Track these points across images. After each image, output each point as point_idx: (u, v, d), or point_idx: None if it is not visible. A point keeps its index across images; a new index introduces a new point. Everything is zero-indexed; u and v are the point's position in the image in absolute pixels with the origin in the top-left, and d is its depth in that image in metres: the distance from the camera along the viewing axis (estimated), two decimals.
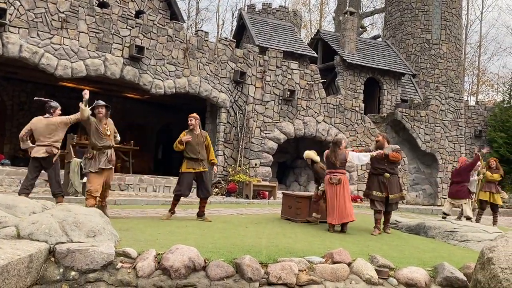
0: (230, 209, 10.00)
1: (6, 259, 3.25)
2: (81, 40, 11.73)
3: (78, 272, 3.83)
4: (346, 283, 4.36)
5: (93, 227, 4.40)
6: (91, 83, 14.16)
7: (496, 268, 3.00)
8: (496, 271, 3.16)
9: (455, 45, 25.26)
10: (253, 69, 14.69)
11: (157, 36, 12.99)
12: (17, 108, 15.46)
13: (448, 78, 24.66)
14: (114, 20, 12.26)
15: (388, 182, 7.47)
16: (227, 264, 4.16)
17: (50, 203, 5.06)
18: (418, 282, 4.45)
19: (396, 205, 7.86)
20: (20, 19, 10.90)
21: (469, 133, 21.58)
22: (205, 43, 13.92)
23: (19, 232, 4.04)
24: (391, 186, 7.49)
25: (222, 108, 14.23)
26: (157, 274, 3.96)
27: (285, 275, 4.16)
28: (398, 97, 21.33)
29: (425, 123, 18.37)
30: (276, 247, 5.09)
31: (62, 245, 4.01)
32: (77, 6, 11.71)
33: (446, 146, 18.74)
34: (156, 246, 4.49)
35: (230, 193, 13.48)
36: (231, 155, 14.45)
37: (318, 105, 15.93)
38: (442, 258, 5.17)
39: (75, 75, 11.59)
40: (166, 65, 13.10)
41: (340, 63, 20.28)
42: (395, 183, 7.60)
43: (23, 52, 10.77)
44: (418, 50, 24.73)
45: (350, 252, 4.85)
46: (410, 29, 24.99)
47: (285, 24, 22.19)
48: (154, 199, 10.65)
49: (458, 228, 7.27)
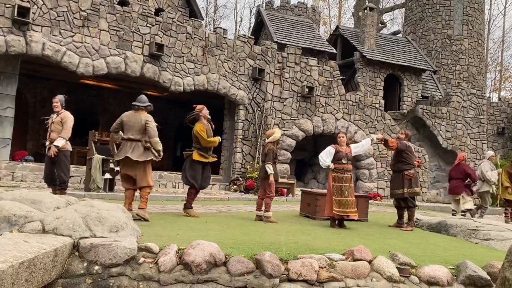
0: (249, 206, 10.03)
1: (33, 253, 3.32)
2: (102, 38, 11.88)
3: (101, 266, 3.89)
4: (367, 281, 4.33)
5: (116, 222, 4.46)
6: (112, 80, 14.35)
7: None
8: None
9: (477, 40, 24.79)
10: (271, 66, 14.67)
11: (177, 33, 13.07)
12: (39, 105, 15.75)
13: (470, 74, 24.23)
14: (134, 18, 12.38)
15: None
16: (247, 260, 4.18)
17: (73, 198, 5.15)
18: (440, 280, 4.40)
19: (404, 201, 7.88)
20: (43, 18, 11.09)
21: (492, 130, 21.18)
22: (224, 40, 13.95)
23: (44, 227, 4.13)
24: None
25: (240, 105, 14.25)
26: (178, 269, 4.00)
27: (306, 272, 4.16)
28: (418, 93, 21.04)
29: (446, 120, 18.10)
30: (296, 244, 5.09)
31: (86, 239, 4.08)
32: (98, 4, 11.86)
33: (468, 143, 18.44)
34: (177, 241, 4.54)
35: (249, 190, 13.51)
36: (249, 152, 14.47)
37: (337, 102, 15.83)
38: (464, 257, 5.09)
39: (96, 72, 11.75)
40: (185, 62, 13.18)
41: (360, 59, 20.09)
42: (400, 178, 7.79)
43: (46, 50, 10.96)
44: (439, 46, 24.35)
45: (371, 249, 4.82)
46: (431, 24, 24.61)
47: (303, 21, 22.08)
48: (173, 195, 10.75)
49: (480, 226, 7.15)
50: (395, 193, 7.84)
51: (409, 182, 7.69)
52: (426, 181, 17.64)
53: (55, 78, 15.05)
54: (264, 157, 7.61)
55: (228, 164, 14.65)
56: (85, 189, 10.05)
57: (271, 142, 7.59)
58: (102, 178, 9.94)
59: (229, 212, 8.55)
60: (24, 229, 4.06)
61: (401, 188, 7.69)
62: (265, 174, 7.47)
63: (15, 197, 4.54)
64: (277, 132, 7.70)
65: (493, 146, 20.99)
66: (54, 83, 15.64)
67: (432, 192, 18.21)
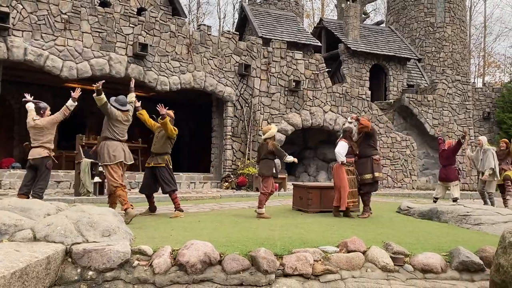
0: (241, 203, 10.03)
1: (25, 262, 3.28)
2: (84, 40, 11.74)
3: (95, 271, 3.86)
4: (362, 271, 4.36)
5: (108, 227, 4.43)
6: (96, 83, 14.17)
7: None
8: None
9: (460, 27, 24.99)
10: (257, 62, 14.65)
11: (160, 32, 12.97)
12: (24, 111, 15.49)
13: (454, 61, 24.43)
14: (117, 18, 12.25)
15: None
16: (242, 257, 4.17)
17: (63, 204, 5.10)
18: (434, 267, 4.44)
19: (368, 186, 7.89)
20: (23, 22, 10.93)
21: (478, 115, 21.40)
22: (208, 38, 13.88)
23: (35, 235, 4.08)
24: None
25: (228, 102, 14.22)
26: (173, 270, 3.99)
27: (301, 266, 4.17)
28: (404, 82, 21.19)
29: (433, 107, 18.25)
30: (290, 238, 5.10)
31: (78, 245, 4.04)
32: (79, 6, 11.71)
33: (455, 130, 18.63)
34: (171, 242, 4.52)
35: (240, 187, 13.50)
36: (239, 149, 14.46)
37: (325, 95, 15.87)
38: (457, 243, 5.14)
39: (81, 75, 11.62)
40: (170, 61, 13.09)
41: (345, 51, 20.15)
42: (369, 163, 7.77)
43: (28, 55, 10.81)
44: (422, 34, 24.50)
45: (364, 240, 4.85)
46: (413, 13, 24.74)
47: (287, 14, 22.06)
48: (165, 196, 10.69)
49: (471, 211, 7.24)
50: (364, 178, 7.73)
51: (378, 167, 7.77)
52: (415, 169, 17.79)
53: (39, 83, 14.86)
54: (269, 154, 7.48)
55: (219, 162, 14.62)
56: (75, 193, 9.96)
57: (269, 138, 7.54)
58: (92, 182, 9.86)
59: (222, 210, 8.54)
60: (15, 238, 4.00)
61: (371, 172, 7.71)
62: (267, 172, 7.43)
63: (4, 206, 4.48)
64: (273, 128, 7.70)
65: (480, 131, 21.21)
66: (38, 88, 15.43)
67: (422, 180, 18.39)
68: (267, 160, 7.46)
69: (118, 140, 6.73)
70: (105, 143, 6.66)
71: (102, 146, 6.69)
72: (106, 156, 6.57)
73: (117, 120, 6.71)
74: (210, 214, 7.76)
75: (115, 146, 6.63)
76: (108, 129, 6.71)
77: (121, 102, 6.82)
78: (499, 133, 21.35)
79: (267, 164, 7.45)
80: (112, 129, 6.70)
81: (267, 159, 7.46)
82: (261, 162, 7.63)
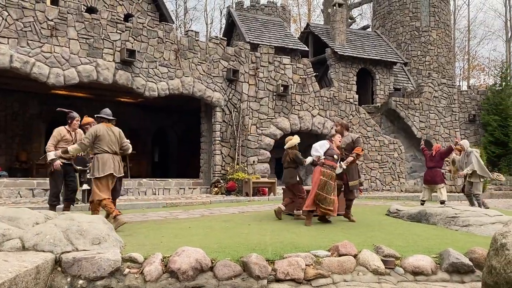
0: (231, 208, 10.00)
1: (14, 272, 3.23)
2: (71, 47, 11.66)
3: (85, 280, 3.82)
4: (354, 275, 4.37)
5: (97, 234, 4.39)
6: (84, 89, 14.10)
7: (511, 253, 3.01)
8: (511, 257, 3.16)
9: (445, 31, 25.34)
10: (245, 67, 14.67)
11: (148, 38, 12.94)
12: (10, 118, 15.37)
13: (440, 65, 24.75)
14: (104, 25, 12.19)
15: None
16: (234, 263, 4.16)
17: (52, 212, 5.04)
18: (425, 269, 4.47)
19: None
20: (9, 29, 10.82)
21: (463, 118, 21.69)
22: (196, 43, 13.88)
23: (24, 244, 4.03)
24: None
25: (216, 107, 14.21)
26: (165, 278, 3.96)
27: (293, 271, 4.17)
28: (391, 86, 21.39)
29: (420, 110, 18.44)
30: (281, 243, 5.10)
31: (68, 254, 4.00)
32: (65, 13, 11.63)
33: (442, 132, 18.83)
34: (161, 249, 4.49)
35: (230, 192, 13.48)
36: (228, 154, 14.45)
37: (313, 99, 15.95)
38: (446, 245, 5.19)
39: (68, 82, 11.53)
40: (158, 67, 13.06)
41: (332, 55, 20.29)
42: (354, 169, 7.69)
43: (14, 62, 10.70)
44: (408, 38, 24.79)
45: (355, 243, 4.87)
46: (399, 17, 25.04)
47: (274, 20, 22.16)
48: (154, 202, 10.64)
49: (459, 213, 7.31)
50: (354, 184, 7.63)
51: (358, 173, 7.83)
52: (403, 172, 17.94)
53: (26, 90, 14.71)
54: (291, 163, 7.73)
55: (208, 167, 14.59)
56: (64, 201, 9.83)
57: (290, 148, 7.76)
58: (80, 189, 9.75)
59: (212, 215, 8.51)
60: (3, 248, 3.95)
61: (357, 179, 7.72)
62: (292, 179, 7.65)
63: None
64: (295, 138, 7.86)
65: (465, 134, 21.49)
66: (25, 95, 15.29)
67: (410, 182, 18.53)
68: (290, 169, 7.78)
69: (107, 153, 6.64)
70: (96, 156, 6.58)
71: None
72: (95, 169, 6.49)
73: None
74: (200, 220, 7.73)
75: (106, 158, 6.55)
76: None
77: (108, 113, 6.77)
78: (484, 135, 21.66)
79: (291, 173, 7.75)
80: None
81: (290, 167, 7.78)
82: (285, 171, 7.89)
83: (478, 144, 20.14)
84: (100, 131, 6.51)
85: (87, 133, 6.62)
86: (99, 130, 6.51)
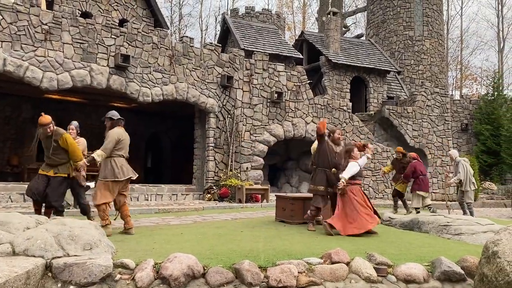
0: (224, 214, 9.97)
1: (3, 277, 3.20)
2: (65, 51, 11.63)
3: (76, 286, 3.78)
4: (346, 283, 4.37)
5: (89, 240, 4.35)
6: (78, 94, 14.06)
7: (502, 261, 3.03)
8: (503, 265, 3.18)
9: (438, 40, 25.56)
10: (240, 73, 14.70)
11: (142, 44, 12.94)
12: (2, 122, 15.27)
13: (433, 74, 24.94)
14: (98, 29, 12.18)
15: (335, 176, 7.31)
16: (226, 270, 4.14)
17: (43, 217, 5.00)
18: (417, 278, 4.48)
19: None
20: (3, 33, 10.78)
21: (456, 127, 21.82)
22: (191, 49, 13.90)
23: (14, 249, 3.99)
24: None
25: (210, 113, 14.21)
26: (156, 284, 3.93)
27: (285, 278, 4.15)
28: (384, 94, 21.51)
29: (413, 119, 18.55)
30: (274, 250, 5.08)
31: (59, 259, 3.96)
32: (60, 17, 11.61)
33: (434, 141, 18.94)
34: (153, 255, 4.46)
35: (223, 198, 13.44)
36: (222, 160, 14.43)
37: (306, 106, 16.00)
38: (438, 253, 5.20)
39: (61, 87, 11.48)
40: (153, 72, 13.05)
41: (326, 63, 20.39)
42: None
43: (7, 66, 10.64)
44: (401, 47, 24.97)
45: (347, 251, 4.87)
46: (393, 26, 25.23)
47: (269, 27, 22.25)
48: (147, 208, 10.59)
49: (451, 222, 7.33)
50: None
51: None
52: None
53: (19, 94, 14.64)
54: None
55: (201, 173, 14.55)
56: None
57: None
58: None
59: (205, 221, 8.48)
60: None
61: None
62: None
63: None
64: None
65: (458, 143, 21.63)
66: (18, 99, 15.21)
67: None
68: None
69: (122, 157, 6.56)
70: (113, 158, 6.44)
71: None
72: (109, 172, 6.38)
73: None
74: (193, 226, 7.69)
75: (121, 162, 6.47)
76: None
77: (118, 116, 6.68)
78: (476, 144, 21.81)
79: None
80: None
81: None
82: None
83: (470, 153, 20.25)
84: (122, 135, 6.46)
85: (110, 138, 6.34)
86: (121, 135, 6.45)
